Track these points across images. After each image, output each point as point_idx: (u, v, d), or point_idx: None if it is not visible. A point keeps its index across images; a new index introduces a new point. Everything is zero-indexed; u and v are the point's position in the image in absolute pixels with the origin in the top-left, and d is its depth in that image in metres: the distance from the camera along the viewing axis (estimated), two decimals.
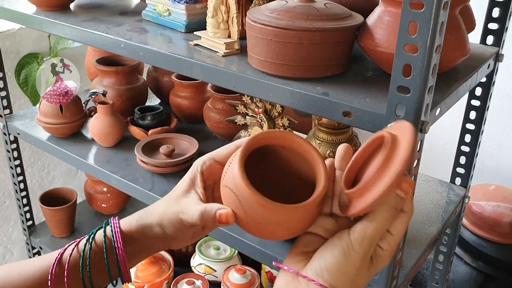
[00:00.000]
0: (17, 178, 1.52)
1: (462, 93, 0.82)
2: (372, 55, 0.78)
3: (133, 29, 1.04)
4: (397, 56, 0.64)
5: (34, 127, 1.38)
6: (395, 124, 0.62)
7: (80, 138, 1.34)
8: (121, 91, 1.36)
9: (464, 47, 0.77)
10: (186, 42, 0.97)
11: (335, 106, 0.73)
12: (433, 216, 1.03)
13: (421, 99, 0.64)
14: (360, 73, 0.83)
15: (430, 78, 0.64)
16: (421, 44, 0.61)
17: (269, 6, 0.81)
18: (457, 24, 0.76)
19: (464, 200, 1.11)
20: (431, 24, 0.60)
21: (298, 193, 0.60)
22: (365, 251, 0.55)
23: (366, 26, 0.78)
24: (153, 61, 0.94)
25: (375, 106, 0.70)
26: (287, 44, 0.76)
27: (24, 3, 1.23)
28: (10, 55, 1.66)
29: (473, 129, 1.07)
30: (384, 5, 0.76)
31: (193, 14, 1.02)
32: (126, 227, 0.65)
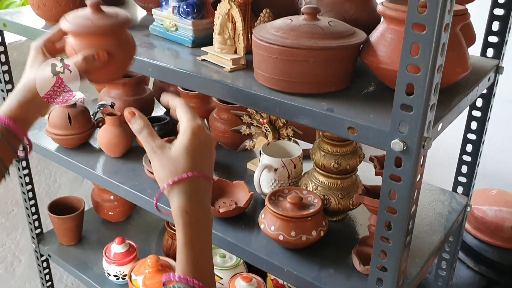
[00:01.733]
0: (26, 187, 1.54)
1: (463, 107, 0.84)
2: (375, 71, 0.80)
3: (142, 44, 1.06)
4: (400, 76, 0.66)
5: (43, 137, 1.40)
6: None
7: (88, 149, 1.36)
8: (128, 102, 1.39)
9: (465, 64, 0.79)
10: (193, 57, 1.00)
11: (340, 122, 0.75)
12: (436, 225, 1.05)
13: (423, 116, 0.67)
14: (363, 87, 0.85)
15: (432, 96, 0.66)
16: (423, 65, 0.64)
17: (275, 24, 0.83)
18: (458, 41, 0.79)
19: (466, 209, 1.14)
20: (433, 46, 0.62)
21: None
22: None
23: (369, 43, 0.81)
24: (162, 77, 0.97)
25: (379, 122, 0.72)
26: (292, 62, 0.79)
27: (33, 17, 1.26)
28: (17, 66, 1.68)
29: (474, 139, 1.10)
30: (386, 23, 0.79)
31: (199, 29, 1.04)
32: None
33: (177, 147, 0.73)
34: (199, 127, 0.75)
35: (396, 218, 0.74)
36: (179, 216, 0.71)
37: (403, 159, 0.70)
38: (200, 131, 0.74)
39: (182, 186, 0.71)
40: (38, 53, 0.85)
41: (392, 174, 0.72)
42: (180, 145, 0.73)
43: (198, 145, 0.74)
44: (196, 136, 0.74)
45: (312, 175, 1.05)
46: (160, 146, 0.74)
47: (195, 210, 0.71)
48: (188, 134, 0.74)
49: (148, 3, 1.24)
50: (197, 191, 0.72)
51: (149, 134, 0.75)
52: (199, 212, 0.72)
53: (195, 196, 0.72)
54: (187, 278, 0.68)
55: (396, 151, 0.70)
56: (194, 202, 0.71)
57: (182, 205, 0.71)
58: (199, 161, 0.73)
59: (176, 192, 0.71)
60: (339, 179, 1.02)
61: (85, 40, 0.83)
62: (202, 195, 0.73)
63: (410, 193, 0.72)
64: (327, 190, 1.01)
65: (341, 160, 0.99)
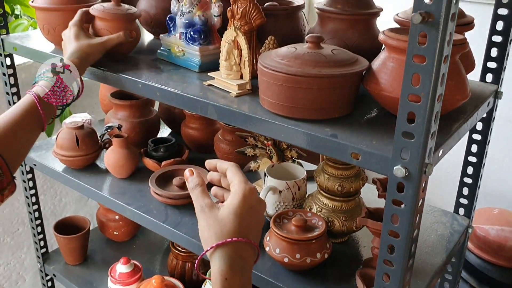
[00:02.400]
0: (32, 207, 1.56)
1: (463, 132, 0.86)
2: (378, 98, 0.83)
3: (149, 69, 1.09)
4: (401, 104, 0.69)
5: (50, 158, 1.42)
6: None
7: (95, 170, 1.38)
8: (134, 123, 1.41)
9: (465, 91, 0.82)
10: (200, 82, 1.02)
11: (343, 147, 0.77)
12: (438, 247, 1.07)
13: (424, 144, 0.69)
14: (366, 113, 0.87)
15: (433, 124, 0.69)
16: (423, 94, 0.66)
17: (280, 52, 0.86)
18: (458, 69, 0.81)
19: (467, 230, 1.15)
20: (433, 76, 0.65)
21: None
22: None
23: (372, 71, 0.83)
24: (170, 101, 0.99)
25: (381, 149, 0.75)
26: (297, 89, 0.81)
27: (42, 41, 1.29)
28: (26, 87, 1.71)
29: (475, 162, 1.12)
30: (388, 52, 0.81)
31: (206, 55, 1.07)
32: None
33: (226, 209, 0.72)
34: (251, 190, 0.74)
35: (399, 242, 0.76)
36: (218, 282, 0.68)
37: (405, 184, 0.72)
38: (252, 196, 0.73)
39: (225, 251, 0.70)
40: (80, 29, 1.09)
41: (394, 199, 0.74)
42: (229, 208, 0.72)
43: (248, 210, 0.72)
44: (247, 200, 0.73)
45: (316, 197, 1.07)
46: (209, 206, 0.73)
47: (235, 278, 0.69)
48: (238, 197, 0.73)
49: (155, 28, 1.27)
50: (240, 258, 0.70)
51: (201, 192, 0.76)
52: (238, 280, 0.69)
53: (236, 263, 0.70)
54: None
55: (398, 177, 0.72)
56: (234, 269, 0.69)
57: (223, 271, 0.69)
58: (246, 226, 0.72)
59: (218, 256, 0.70)
60: (342, 202, 1.04)
61: (115, 23, 1.11)
62: (243, 263, 0.71)
63: (412, 217, 0.74)
64: (331, 213, 1.03)
65: (344, 183, 1.01)
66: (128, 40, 1.10)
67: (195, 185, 0.77)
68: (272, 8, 1.06)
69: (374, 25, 1.02)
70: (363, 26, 0.99)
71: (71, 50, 1.06)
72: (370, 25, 1.01)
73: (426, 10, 0.63)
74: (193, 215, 1.17)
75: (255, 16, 0.98)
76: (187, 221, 1.16)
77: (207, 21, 1.07)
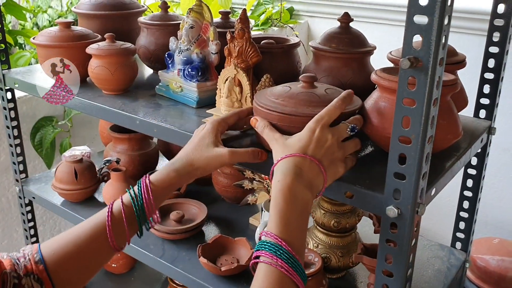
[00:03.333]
0: (31, 239, 1.57)
1: (456, 170, 0.87)
2: (371, 136, 0.84)
3: (148, 105, 1.11)
4: (392, 146, 0.70)
5: (49, 191, 1.43)
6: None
7: (93, 203, 1.39)
8: (133, 156, 1.43)
9: (457, 130, 0.83)
10: (198, 118, 1.04)
11: (337, 187, 0.78)
12: (435, 282, 1.07)
13: (416, 184, 0.70)
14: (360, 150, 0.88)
15: (424, 165, 0.70)
16: (414, 136, 0.67)
17: (275, 91, 0.87)
18: (449, 108, 0.82)
19: (465, 265, 1.15)
20: (423, 119, 0.66)
21: None
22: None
23: (365, 109, 0.84)
24: (167, 137, 1.01)
25: (374, 188, 0.75)
26: (291, 127, 0.82)
27: (42, 76, 1.30)
28: (26, 119, 1.74)
29: (471, 196, 1.12)
30: (380, 91, 0.83)
31: (204, 91, 1.09)
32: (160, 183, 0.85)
33: (293, 137, 0.78)
34: (322, 125, 0.77)
35: (393, 281, 0.76)
36: (273, 187, 0.73)
37: (398, 224, 0.73)
38: (321, 131, 0.76)
39: (282, 163, 0.74)
40: (212, 131, 0.88)
41: (388, 239, 0.75)
42: (296, 136, 0.78)
43: (311, 138, 0.76)
44: (312, 131, 0.76)
45: (313, 233, 1.07)
46: (279, 137, 0.79)
47: (286, 180, 0.72)
48: (304, 129, 0.77)
49: (155, 63, 1.29)
50: (295, 166, 0.73)
51: (270, 130, 0.81)
52: (290, 182, 0.72)
53: (290, 170, 0.73)
54: (277, 237, 0.67)
55: (390, 217, 0.72)
56: (286, 173, 0.72)
57: (276, 177, 0.73)
58: (312, 149, 0.75)
59: (277, 168, 0.75)
60: (339, 237, 1.04)
61: (111, 59, 1.12)
62: (299, 171, 0.73)
63: (405, 257, 0.74)
64: (328, 248, 1.03)
65: (340, 219, 1.02)
66: (255, 161, 0.87)
67: (263, 127, 0.82)
68: (268, 46, 1.09)
69: (368, 63, 1.04)
70: (357, 64, 1.01)
71: (186, 158, 0.86)
72: (364, 63, 1.02)
73: (415, 55, 0.64)
74: (189, 250, 1.17)
75: (252, 54, 1.00)
76: (183, 256, 1.16)
77: (204, 58, 1.09)
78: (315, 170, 0.74)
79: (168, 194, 0.88)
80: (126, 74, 1.15)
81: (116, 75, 1.14)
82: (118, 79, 1.14)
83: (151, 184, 0.84)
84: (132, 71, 1.17)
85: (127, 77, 1.16)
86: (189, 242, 1.20)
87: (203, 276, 1.08)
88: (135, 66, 1.18)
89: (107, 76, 1.14)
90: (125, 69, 1.15)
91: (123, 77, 1.15)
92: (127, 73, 1.16)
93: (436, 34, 0.62)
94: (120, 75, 1.14)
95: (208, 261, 1.05)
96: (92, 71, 1.15)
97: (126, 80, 1.16)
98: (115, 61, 1.13)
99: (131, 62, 1.16)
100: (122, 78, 1.15)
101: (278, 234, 0.67)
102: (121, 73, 1.14)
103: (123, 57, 1.14)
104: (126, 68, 1.15)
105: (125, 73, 1.15)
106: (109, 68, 1.13)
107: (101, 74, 1.14)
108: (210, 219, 1.31)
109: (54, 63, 1.03)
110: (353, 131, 0.79)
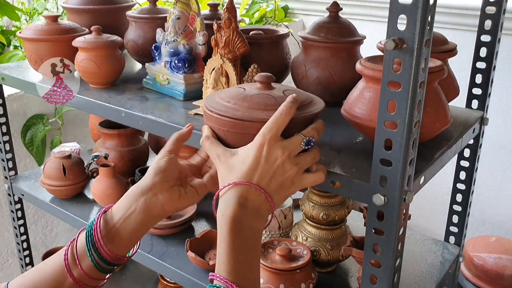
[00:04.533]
0: (20, 237, 1.55)
1: (447, 159, 0.85)
2: (356, 127, 0.82)
3: (134, 98, 1.09)
4: (378, 132, 0.68)
5: (38, 188, 1.41)
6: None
7: (82, 199, 1.37)
8: (123, 152, 1.41)
9: (445, 118, 0.81)
10: (185, 111, 1.02)
11: None
12: (428, 277, 1.05)
13: (403, 171, 0.68)
14: (346, 140, 0.87)
15: (410, 151, 0.68)
16: (400, 121, 0.65)
17: (228, 93, 0.77)
18: (436, 96, 0.81)
19: (458, 259, 1.13)
20: (409, 103, 0.64)
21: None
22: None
23: (350, 101, 0.82)
24: (153, 130, 0.99)
25: (360, 176, 0.74)
26: (244, 135, 0.71)
27: (31, 71, 1.29)
28: (17, 117, 1.72)
29: (464, 189, 1.10)
30: (365, 81, 0.81)
31: (191, 83, 1.07)
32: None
33: (237, 156, 0.70)
34: (270, 140, 0.68)
35: (381, 271, 0.74)
36: (218, 221, 0.67)
37: (385, 212, 0.71)
38: (271, 147, 0.68)
39: (227, 193, 0.67)
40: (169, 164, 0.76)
41: (375, 228, 0.73)
42: (240, 154, 0.70)
43: (259, 158, 0.68)
44: (261, 148, 0.68)
45: (302, 226, 1.05)
46: (223, 152, 0.71)
47: (230, 212, 0.65)
48: (252, 144, 0.69)
49: (143, 57, 1.28)
50: (240, 196, 0.66)
51: (211, 143, 0.73)
52: (233, 214, 0.65)
53: (235, 201, 0.66)
54: (227, 280, 0.62)
55: (377, 205, 0.70)
56: (229, 204, 0.66)
57: (220, 210, 0.66)
58: (257, 174, 0.67)
59: (221, 199, 0.68)
60: (328, 230, 1.02)
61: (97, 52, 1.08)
62: (244, 201, 0.66)
63: (394, 246, 0.72)
64: (317, 242, 1.01)
65: (329, 211, 1.00)
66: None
67: (204, 139, 0.74)
68: (256, 37, 1.07)
69: (357, 53, 1.02)
70: (346, 54, 0.99)
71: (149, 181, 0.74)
72: (353, 53, 1.01)
73: (400, 36, 0.62)
74: (178, 245, 1.15)
75: (239, 45, 0.98)
76: (172, 251, 1.14)
77: (191, 50, 1.07)
78: (261, 197, 0.68)
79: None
80: (112, 67, 1.13)
81: (102, 68, 1.12)
82: (104, 72, 1.13)
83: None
84: (119, 64, 1.15)
85: (114, 70, 1.14)
86: (178, 237, 1.18)
87: (191, 271, 1.06)
88: (122, 59, 1.16)
89: (94, 69, 1.12)
90: (111, 62, 1.13)
91: (110, 70, 1.13)
92: (114, 66, 1.14)
93: (421, 14, 0.60)
94: (107, 68, 1.13)
95: (196, 255, 1.03)
96: (78, 64, 1.13)
97: (113, 73, 1.15)
98: (101, 54, 1.11)
99: (117, 55, 1.15)
100: (108, 71, 1.13)
101: (228, 277, 0.62)
102: (108, 66, 1.12)
103: (109, 50, 1.12)
104: (113, 61, 1.13)
105: (112, 66, 1.13)
106: (96, 61, 1.11)
107: (87, 67, 1.12)
108: (199, 214, 1.29)
109: (54, 63, 1.02)
110: (308, 145, 0.70)
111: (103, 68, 1.12)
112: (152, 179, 0.74)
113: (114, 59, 1.13)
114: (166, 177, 0.74)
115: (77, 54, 1.13)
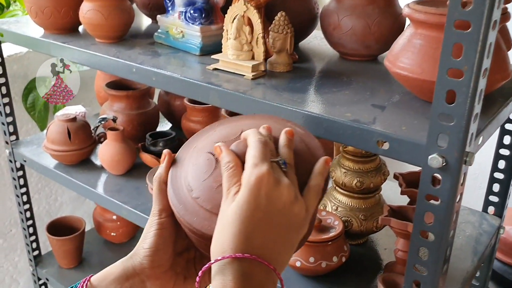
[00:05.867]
0: (23, 206, 1.46)
1: (502, 118, 0.76)
2: (403, 82, 0.72)
3: (145, 53, 0.99)
4: (439, 82, 0.58)
5: (41, 154, 1.32)
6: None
7: (89, 166, 1.28)
8: (132, 116, 1.31)
9: (506, 69, 0.71)
10: (201, 66, 0.92)
11: (367, 134, 0.66)
12: (467, 250, 0.96)
13: (466, 128, 0.58)
14: (388, 97, 0.76)
15: (476, 105, 0.58)
16: (467, 68, 0.55)
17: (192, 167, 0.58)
18: (498, 44, 0.70)
19: (499, 231, 1.04)
20: (479, 46, 0.54)
21: None
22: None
23: (395, 51, 0.72)
24: (168, 87, 0.89)
25: (413, 136, 0.64)
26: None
27: (31, 26, 1.19)
28: (18, 79, 1.62)
29: (508, 155, 1.00)
30: (414, 27, 0.70)
31: (208, 36, 0.96)
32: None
33: (229, 210, 0.50)
34: (262, 179, 0.49)
35: (432, 244, 0.65)
36: None
37: (442, 176, 0.61)
38: (263, 188, 0.49)
39: (221, 269, 0.49)
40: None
41: (428, 194, 0.63)
42: (231, 208, 0.50)
43: (255, 210, 0.49)
44: (254, 195, 0.49)
45: (332, 195, 0.96)
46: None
47: None
48: (242, 191, 0.50)
49: (153, 11, 1.17)
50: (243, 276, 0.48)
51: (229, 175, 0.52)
52: None
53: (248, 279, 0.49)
54: None
55: (433, 168, 0.61)
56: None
57: None
58: (255, 237, 0.49)
59: (213, 274, 0.50)
60: (361, 199, 0.93)
61: (105, 1, 0.90)
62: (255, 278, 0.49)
63: (449, 215, 0.63)
64: (349, 211, 0.92)
65: (364, 178, 0.90)
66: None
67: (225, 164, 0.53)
68: None
69: (396, 2, 0.91)
70: (384, 1, 0.88)
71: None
72: (391, 1, 0.90)
73: None
74: None
75: None
76: None
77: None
78: (265, 271, 0.49)
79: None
80: (121, 19, 1.03)
81: (110, 20, 1.01)
82: (112, 25, 1.02)
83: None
84: (128, 16, 1.04)
85: (122, 22, 1.03)
86: None
87: None
88: (131, 11, 1.05)
89: (101, 21, 1.01)
90: (119, 13, 1.02)
91: (118, 22, 1.02)
92: (122, 17, 1.03)
93: None
94: (115, 19, 1.02)
95: None
96: (84, 15, 1.02)
97: (121, 25, 1.04)
98: (108, 4, 1.00)
99: (126, 5, 1.04)
100: (116, 23, 1.02)
101: None
102: (116, 17, 1.02)
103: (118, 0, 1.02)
104: (121, 12, 1.02)
105: (120, 18, 1.02)
106: (102, 12, 1.00)
107: (93, 19, 1.01)
108: None
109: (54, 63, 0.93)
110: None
111: (110, 20, 1.01)
112: (141, 260, 0.58)
113: (122, 10, 1.02)
114: (158, 261, 0.58)
115: (82, 5, 1.03)
